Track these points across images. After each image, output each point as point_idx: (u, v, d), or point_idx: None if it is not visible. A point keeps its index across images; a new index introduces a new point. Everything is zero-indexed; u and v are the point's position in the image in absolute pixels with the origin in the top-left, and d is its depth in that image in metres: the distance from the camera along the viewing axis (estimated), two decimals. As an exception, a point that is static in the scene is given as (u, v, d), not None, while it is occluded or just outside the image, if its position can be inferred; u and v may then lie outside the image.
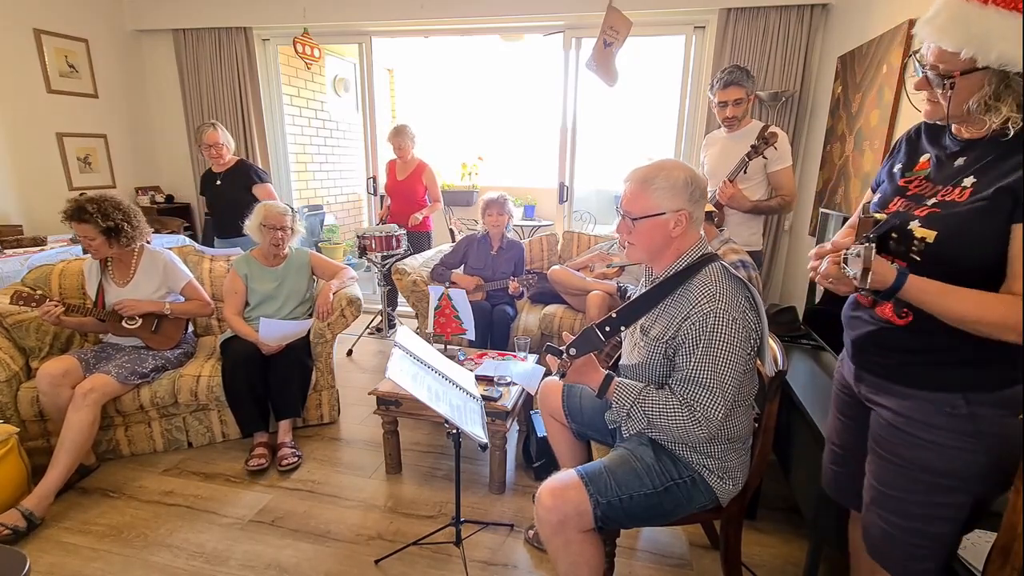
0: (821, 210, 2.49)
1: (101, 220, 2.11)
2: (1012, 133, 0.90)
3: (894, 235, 1.01)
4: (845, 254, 0.94)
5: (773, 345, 1.37)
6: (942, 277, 0.93)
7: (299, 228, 2.58)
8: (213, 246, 3.38)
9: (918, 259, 0.97)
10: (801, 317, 2.38)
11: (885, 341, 1.04)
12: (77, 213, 2.09)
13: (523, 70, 6.35)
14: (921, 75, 0.97)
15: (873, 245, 0.90)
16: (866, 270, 0.90)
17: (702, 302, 1.19)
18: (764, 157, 2.32)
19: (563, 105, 3.77)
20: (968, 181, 0.94)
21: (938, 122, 1.03)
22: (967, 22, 0.85)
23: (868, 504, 1.12)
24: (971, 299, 0.90)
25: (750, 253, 2.35)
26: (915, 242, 0.97)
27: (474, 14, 3.58)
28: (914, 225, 0.97)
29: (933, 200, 0.98)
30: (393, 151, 3.68)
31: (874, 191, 1.17)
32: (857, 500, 1.17)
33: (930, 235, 0.94)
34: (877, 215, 1.05)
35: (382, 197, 3.91)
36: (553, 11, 3.48)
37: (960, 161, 0.97)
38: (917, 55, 0.98)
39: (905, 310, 1.00)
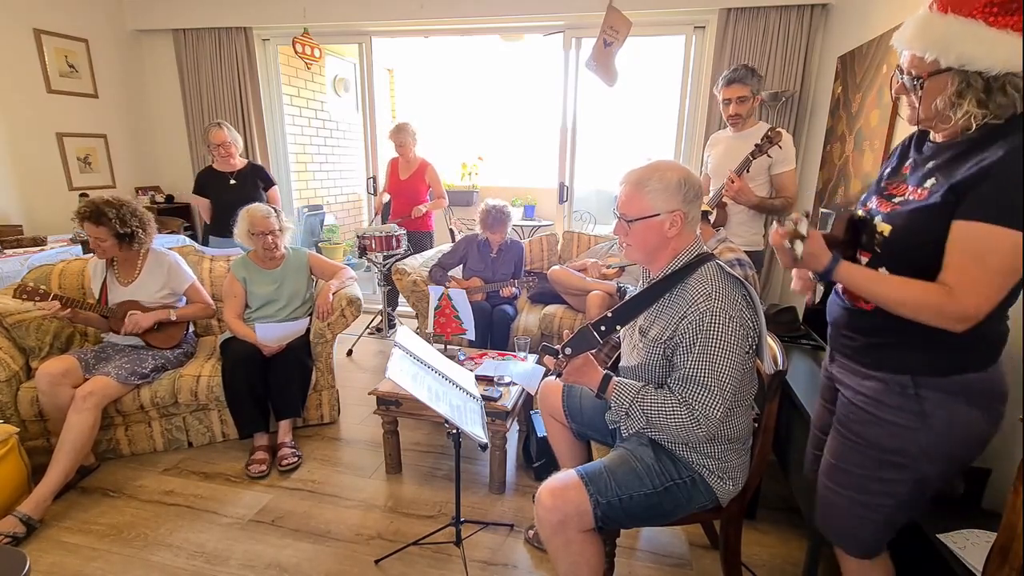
0: (821, 210, 2.49)
1: (119, 226, 2.10)
2: (974, 127, 0.95)
3: (868, 231, 1.09)
4: (788, 221, 1.04)
5: (772, 345, 1.37)
6: (899, 271, 1.00)
7: (288, 225, 2.55)
8: (208, 245, 3.36)
9: (879, 251, 1.05)
10: (801, 317, 2.38)
11: (854, 323, 1.13)
12: (95, 215, 2.06)
13: (523, 70, 6.35)
14: (900, 82, 1.05)
15: (805, 219, 1.01)
16: (794, 238, 1.00)
17: (699, 301, 1.19)
18: (769, 156, 2.31)
19: (563, 105, 3.77)
20: (929, 182, 1.00)
21: (919, 128, 1.10)
22: (930, 28, 0.96)
23: (820, 476, 1.19)
24: (894, 283, 0.99)
25: (751, 253, 2.35)
26: (876, 235, 1.06)
27: (474, 14, 3.58)
28: (877, 220, 1.06)
29: (900, 198, 1.05)
30: (395, 149, 3.68)
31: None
32: None
33: (887, 229, 1.03)
34: (859, 212, 1.14)
35: (383, 195, 3.91)
36: (553, 11, 3.48)
37: (930, 164, 1.03)
38: (898, 67, 1.07)
39: None
